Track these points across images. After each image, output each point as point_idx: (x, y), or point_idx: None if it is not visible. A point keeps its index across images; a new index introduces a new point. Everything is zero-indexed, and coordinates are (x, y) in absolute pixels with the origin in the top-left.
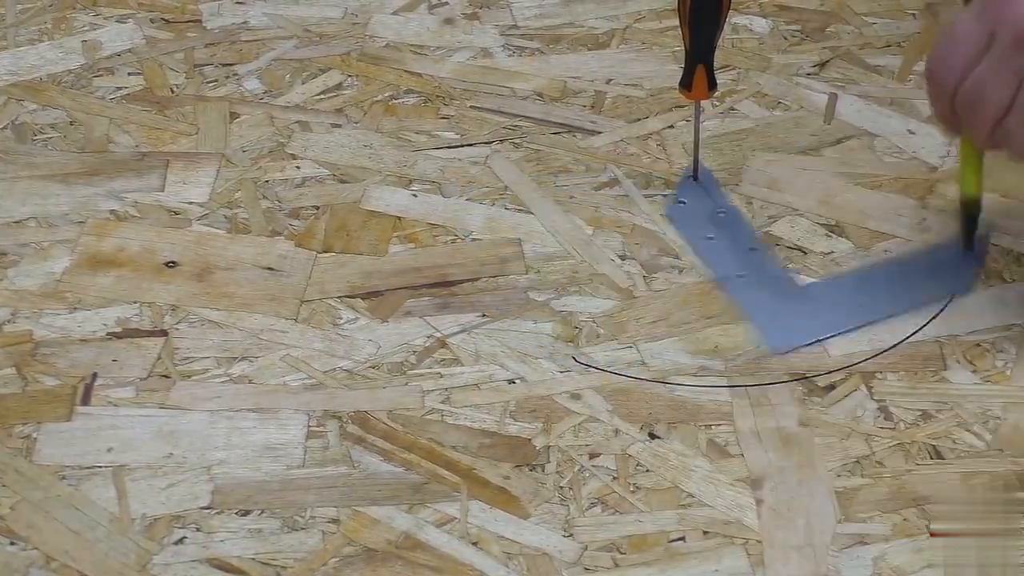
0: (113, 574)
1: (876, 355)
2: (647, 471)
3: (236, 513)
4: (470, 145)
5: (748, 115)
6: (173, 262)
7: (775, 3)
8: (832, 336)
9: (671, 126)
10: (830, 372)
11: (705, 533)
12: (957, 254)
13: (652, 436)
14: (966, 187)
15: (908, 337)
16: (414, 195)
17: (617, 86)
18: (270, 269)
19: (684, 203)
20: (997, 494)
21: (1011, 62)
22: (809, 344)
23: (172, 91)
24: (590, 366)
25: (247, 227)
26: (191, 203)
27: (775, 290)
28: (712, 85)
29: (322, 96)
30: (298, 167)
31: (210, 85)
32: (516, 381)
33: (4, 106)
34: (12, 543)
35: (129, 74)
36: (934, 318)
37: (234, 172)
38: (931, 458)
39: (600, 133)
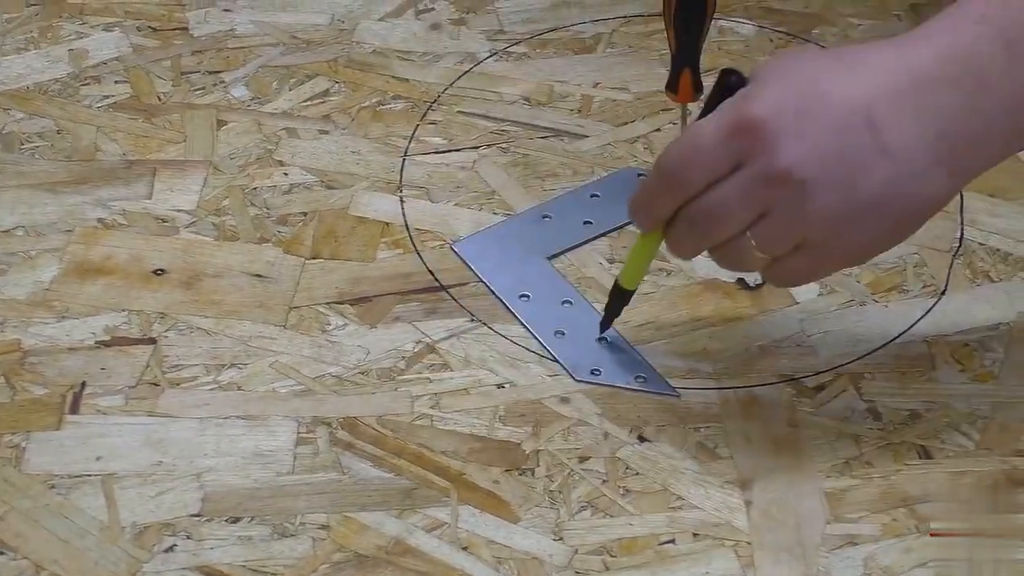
0: None
1: (864, 355)
2: (637, 474)
3: (226, 520)
4: (457, 150)
5: None
6: (161, 270)
7: (761, 5)
8: None
9: (658, 129)
10: (819, 373)
11: (695, 535)
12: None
13: (641, 439)
14: (628, 281)
15: (896, 337)
16: (402, 200)
17: (604, 90)
18: (258, 276)
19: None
20: (987, 493)
21: (757, 194)
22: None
23: (159, 99)
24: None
25: (235, 234)
26: (179, 211)
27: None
28: (698, 88)
29: (309, 103)
30: (286, 174)
31: (197, 92)
32: (505, 385)
33: None
34: (1, 553)
35: (116, 82)
36: (922, 318)
37: (222, 179)
38: (920, 458)
39: (587, 137)
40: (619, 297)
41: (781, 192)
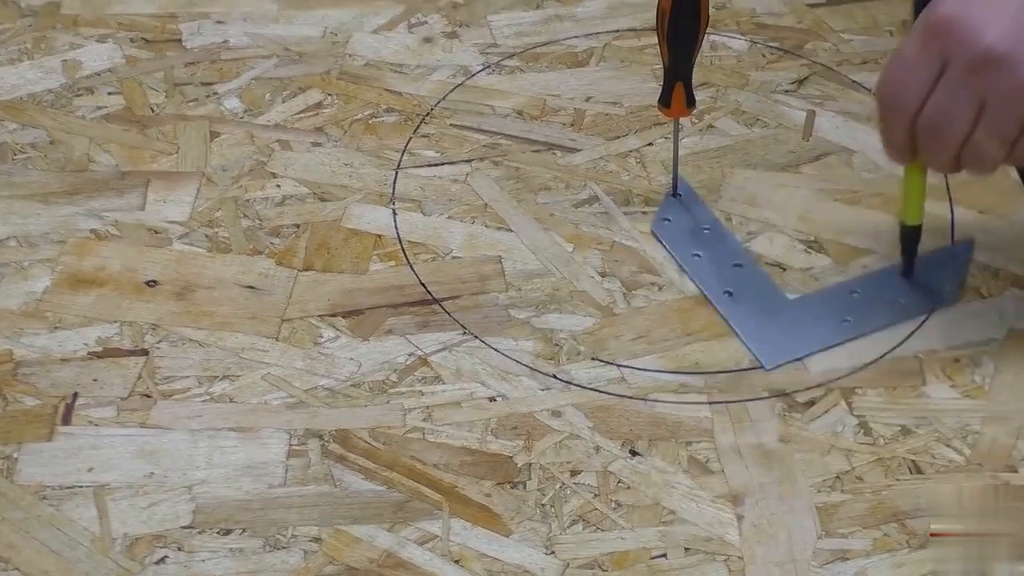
0: None
1: (856, 371)
2: (628, 488)
3: (217, 532)
4: (450, 163)
5: (727, 132)
6: (154, 281)
7: (753, 21)
8: (820, 351)
9: (650, 143)
10: (810, 388)
11: (686, 550)
12: (939, 266)
13: (633, 453)
14: (911, 216)
15: (887, 353)
16: (394, 213)
17: (596, 104)
18: (251, 288)
19: (669, 220)
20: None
21: (969, 86)
22: (799, 359)
23: (152, 110)
24: (571, 383)
25: (228, 246)
26: (172, 222)
27: (762, 306)
28: (691, 102)
29: (302, 115)
30: (278, 185)
31: (190, 104)
32: (497, 399)
33: None
34: None
35: (109, 93)
36: (913, 334)
37: (214, 191)
38: (911, 473)
39: (579, 151)
40: (909, 235)
41: (989, 75)
